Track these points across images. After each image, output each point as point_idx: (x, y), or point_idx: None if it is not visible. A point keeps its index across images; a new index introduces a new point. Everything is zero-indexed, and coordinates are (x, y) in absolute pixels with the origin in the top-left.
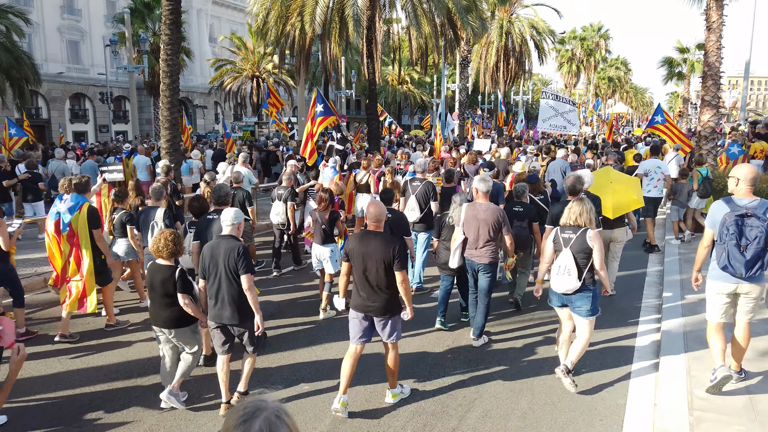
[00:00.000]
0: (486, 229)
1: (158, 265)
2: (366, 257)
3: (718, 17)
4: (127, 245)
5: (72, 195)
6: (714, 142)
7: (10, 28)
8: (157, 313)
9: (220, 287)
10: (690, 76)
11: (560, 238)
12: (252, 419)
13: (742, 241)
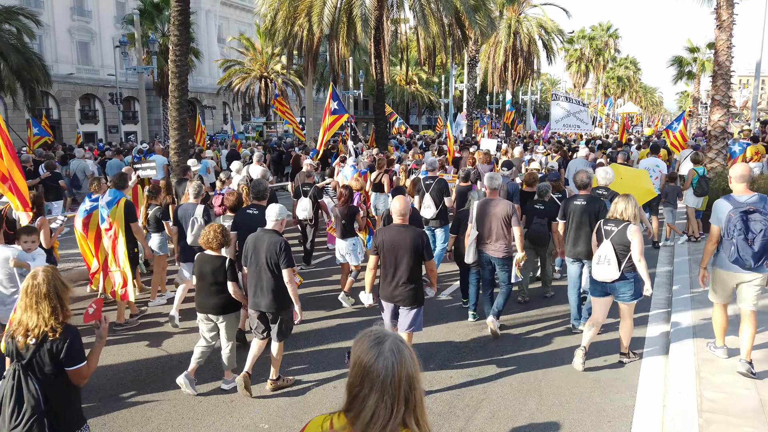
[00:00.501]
0: (497, 223)
1: (208, 256)
2: (397, 249)
3: (729, 16)
4: (160, 240)
5: (110, 190)
6: (724, 141)
7: (21, 30)
8: (206, 301)
9: (259, 277)
10: (700, 76)
11: (602, 230)
12: (382, 342)
13: (749, 234)
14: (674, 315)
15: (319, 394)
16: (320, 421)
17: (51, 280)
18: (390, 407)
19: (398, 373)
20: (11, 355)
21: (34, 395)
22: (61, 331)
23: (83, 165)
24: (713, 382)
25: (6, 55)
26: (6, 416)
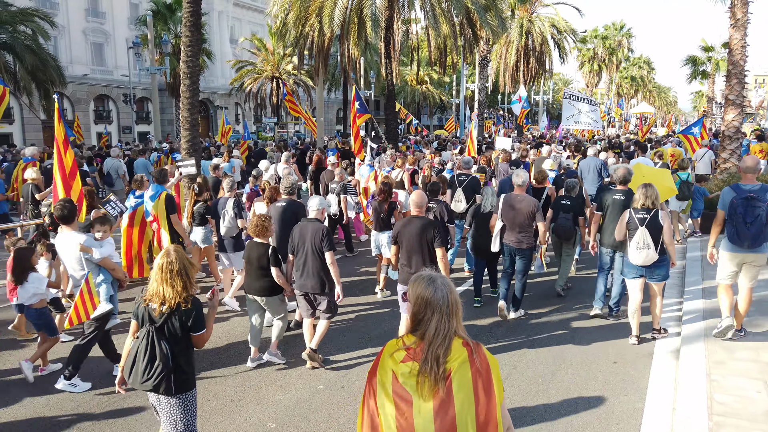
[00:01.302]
0: (522, 217)
1: (255, 243)
2: (412, 237)
3: (743, 14)
4: (204, 233)
5: (153, 185)
6: (738, 141)
7: (36, 31)
8: (252, 283)
9: (306, 261)
10: (715, 75)
11: (635, 218)
12: (435, 280)
13: (747, 218)
14: (685, 317)
15: (326, 394)
16: (393, 342)
17: (182, 259)
18: (447, 323)
19: (450, 299)
20: (143, 319)
21: (165, 353)
22: (191, 303)
23: (117, 164)
24: (724, 385)
25: (21, 56)
26: (139, 370)
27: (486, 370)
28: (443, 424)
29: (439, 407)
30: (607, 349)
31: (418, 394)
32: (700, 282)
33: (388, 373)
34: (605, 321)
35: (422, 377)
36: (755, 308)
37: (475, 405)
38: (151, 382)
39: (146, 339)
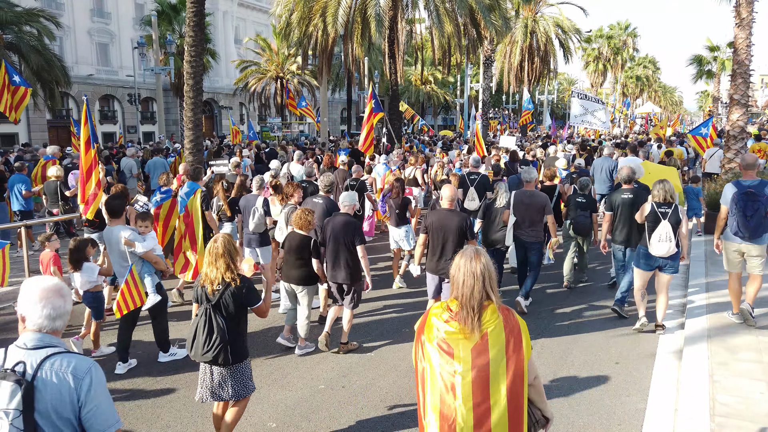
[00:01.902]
0: (533, 212)
1: (297, 235)
2: (445, 229)
3: (748, 14)
4: (232, 228)
5: (188, 182)
6: (743, 141)
7: (42, 32)
8: (291, 272)
9: (337, 254)
10: (720, 75)
11: (658, 212)
12: (477, 255)
13: (748, 211)
14: (688, 319)
15: (327, 394)
16: (439, 306)
17: (227, 244)
18: (483, 288)
19: (488, 269)
20: (200, 299)
21: (221, 327)
22: (240, 280)
23: (131, 164)
24: (726, 386)
25: (27, 56)
26: (200, 343)
27: (517, 331)
28: (479, 372)
29: (476, 358)
30: (610, 350)
31: (459, 348)
32: (703, 282)
33: (433, 331)
34: (607, 322)
35: (463, 334)
36: (760, 309)
37: (506, 359)
38: (211, 353)
39: (204, 316)
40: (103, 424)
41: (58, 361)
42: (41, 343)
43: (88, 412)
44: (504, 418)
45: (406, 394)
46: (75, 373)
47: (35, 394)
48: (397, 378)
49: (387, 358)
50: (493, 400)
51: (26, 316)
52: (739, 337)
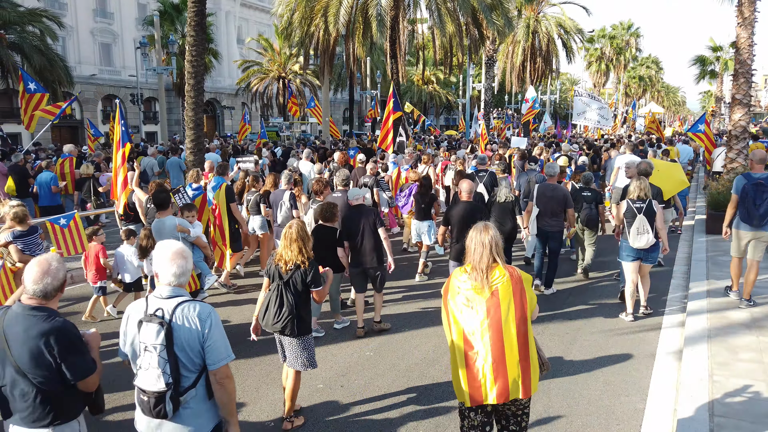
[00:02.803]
0: (554, 204)
1: (322, 226)
2: (466, 220)
3: (750, 13)
4: (260, 221)
5: (215, 177)
6: (745, 141)
7: (44, 32)
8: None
9: (363, 240)
10: (723, 75)
11: (633, 208)
12: (486, 228)
13: (757, 201)
14: (689, 318)
15: (325, 393)
16: (458, 270)
17: (300, 230)
18: (490, 254)
19: (494, 239)
20: (273, 276)
21: (291, 302)
22: (309, 263)
23: (152, 162)
24: (726, 386)
25: (29, 56)
26: (271, 315)
27: (521, 284)
28: (493, 317)
29: (490, 308)
30: (609, 350)
31: (476, 301)
32: (704, 284)
33: (455, 289)
34: (607, 321)
35: (478, 287)
36: (763, 312)
37: (515, 306)
38: (280, 324)
39: (276, 291)
40: (219, 356)
41: (186, 307)
42: (173, 293)
43: (209, 345)
44: (515, 350)
45: (404, 393)
46: (200, 316)
47: (173, 332)
48: (396, 377)
49: (386, 357)
50: (506, 338)
51: (159, 273)
52: (739, 338)
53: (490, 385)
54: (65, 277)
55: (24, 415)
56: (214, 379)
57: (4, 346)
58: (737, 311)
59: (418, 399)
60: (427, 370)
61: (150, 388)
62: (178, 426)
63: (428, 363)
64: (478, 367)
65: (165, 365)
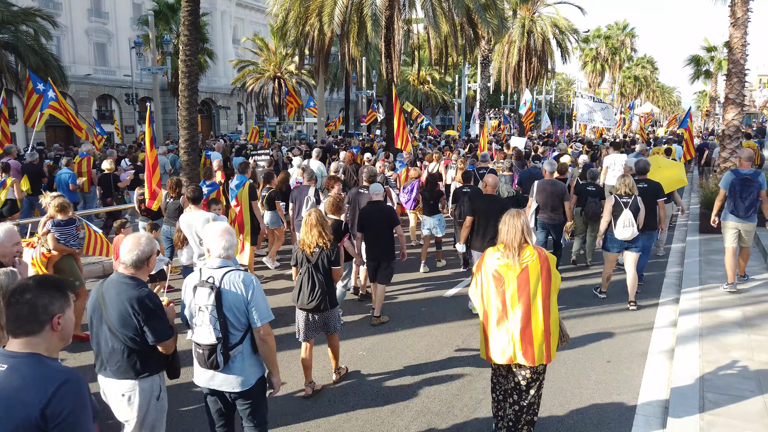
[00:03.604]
0: (553, 198)
1: (332, 219)
2: (489, 213)
3: (743, 13)
4: (272, 216)
5: (237, 176)
6: (738, 141)
7: (38, 31)
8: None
9: (376, 235)
10: (717, 75)
11: (620, 203)
12: (518, 214)
13: (744, 195)
14: (681, 317)
15: (317, 392)
16: (492, 249)
17: (318, 217)
18: (522, 235)
19: (525, 224)
20: (301, 261)
21: (321, 282)
22: (330, 245)
23: (164, 161)
24: (717, 384)
25: (24, 56)
26: (305, 295)
27: (548, 263)
28: (522, 291)
29: (521, 282)
30: (601, 348)
31: (508, 276)
32: (697, 282)
33: (488, 265)
34: (599, 321)
35: (510, 264)
36: (754, 311)
37: (542, 282)
38: (315, 302)
39: (307, 273)
40: (261, 315)
41: (233, 275)
42: (222, 264)
43: (252, 307)
44: (539, 320)
45: (397, 392)
46: (244, 282)
47: (222, 295)
48: (389, 376)
49: (379, 356)
50: (533, 310)
51: (210, 247)
52: (730, 336)
53: (518, 349)
54: (152, 253)
55: (114, 368)
56: (258, 335)
57: (102, 307)
58: (729, 310)
59: (410, 399)
60: (419, 369)
61: (203, 341)
62: (228, 376)
63: (421, 363)
64: (509, 333)
65: (215, 322)
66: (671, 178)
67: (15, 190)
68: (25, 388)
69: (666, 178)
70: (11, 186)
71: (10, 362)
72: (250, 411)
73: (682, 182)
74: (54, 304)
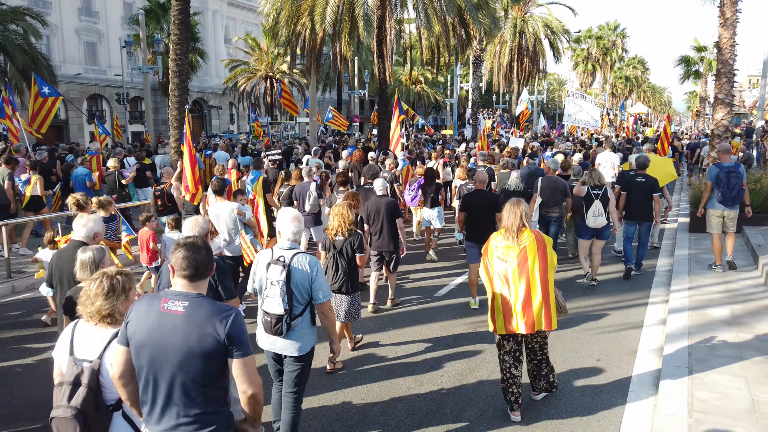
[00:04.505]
0: (556, 194)
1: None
2: (480, 206)
3: (732, 14)
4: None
5: (252, 171)
6: (728, 140)
7: (28, 30)
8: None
9: (382, 227)
10: (707, 75)
11: (592, 194)
12: (518, 202)
13: (730, 185)
14: (670, 315)
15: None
16: (495, 234)
17: (343, 209)
18: (520, 219)
19: (524, 210)
20: (329, 247)
21: (344, 267)
22: (353, 232)
23: (166, 159)
24: (705, 382)
25: (12, 55)
26: (330, 278)
27: (543, 244)
28: (522, 270)
29: (520, 261)
30: (591, 347)
31: (509, 256)
32: (686, 280)
33: (492, 248)
34: (589, 319)
35: (511, 245)
36: (743, 309)
37: (539, 259)
38: (337, 284)
39: (332, 259)
40: (323, 293)
41: (301, 256)
42: (291, 246)
43: (315, 285)
44: (538, 293)
45: (388, 390)
46: (310, 263)
47: (291, 273)
48: (381, 376)
49: (373, 354)
50: (532, 284)
51: (281, 231)
52: (719, 334)
53: (520, 319)
54: (209, 230)
55: None
56: (320, 310)
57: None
58: (718, 308)
59: (406, 397)
60: (411, 368)
61: (273, 311)
62: (288, 342)
63: (414, 362)
64: (511, 305)
65: (284, 295)
66: (661, 174)
67: (39, 187)
68: (210, 319)
69: (657, 173)
70: (35, 183)
71: (190, 300)
72: (297, 374)
73: (672, 176)
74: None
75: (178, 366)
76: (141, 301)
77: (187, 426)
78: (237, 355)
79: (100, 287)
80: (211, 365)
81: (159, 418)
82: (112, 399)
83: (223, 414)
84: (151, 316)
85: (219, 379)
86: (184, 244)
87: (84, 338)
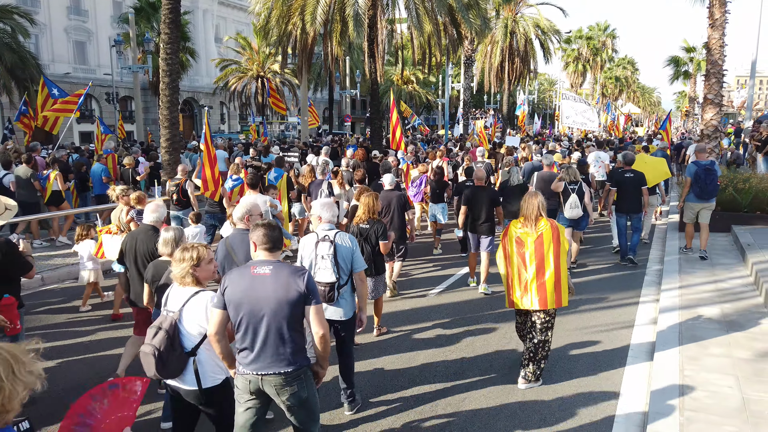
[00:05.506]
0: (548, 187)
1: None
2: (480, 200)
3: (721, 14)
4: (300, 207)
5: (275, 168)
6: (717, 140)
7: (16, 29)
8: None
9: (393, 219)
10: (696, 75)
11: (568, 188)
12: (535, 194)
13: (707, 181)
14: (661, 315)
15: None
16: (514, 221)
17: (369, 201)
18: (538, 209)
19: (540, 201)
20: (356, 234)
21: (369, 250)
22: (376, 221)
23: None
24: (696, 381)
25: (0, 53)
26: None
27: (557, 231)
28: (538, 253)
29: (537, 245)
30: (583, 347)
31: (527, 241)
32: (677, 281)
33: (511, 234)
34: (581, 318)
35: (529, 232)
36: (733, 309)
37: (553, 245)
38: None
39: (360, 243)
40: (360, 264)
41: (341, 234)
42: (331, 227)
43: (355, 257)
44: (552, 274)
45: (382, 388)
46: (350, 240)
47: (336, 248)
48: (372, 377)
49: (367, 353)
50: (546, 266)
51: (321, 215)
52: (710, 333)
53: (534, 297)
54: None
55: None
56: (357, 277)
57: (232, 252)
58: (708, 307)
59: (399, 397)
60: (405, 369)
61: (326, 280)
62: (336, 307)
63: (406, 361)
64: (527, 284)
65: (333, 266)
66: (655, 172)
67: (59, 182)
68: (292, 275)
69: (651, 172)
70: (55, 179)
71: (273, 264)
72: (345, 339)
73: (667, 174)
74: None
75: (272, 314)
76: (233, 273)
77: (279, 363)
78: (313, 302)
79: (186, 255)
80: (295, 311)
81: (256, 358)
82: (189, 346)
83: (302, 355)
84: (245, 280)
85: (300, 324)
86: (262, 224)
87: (173, 295)
